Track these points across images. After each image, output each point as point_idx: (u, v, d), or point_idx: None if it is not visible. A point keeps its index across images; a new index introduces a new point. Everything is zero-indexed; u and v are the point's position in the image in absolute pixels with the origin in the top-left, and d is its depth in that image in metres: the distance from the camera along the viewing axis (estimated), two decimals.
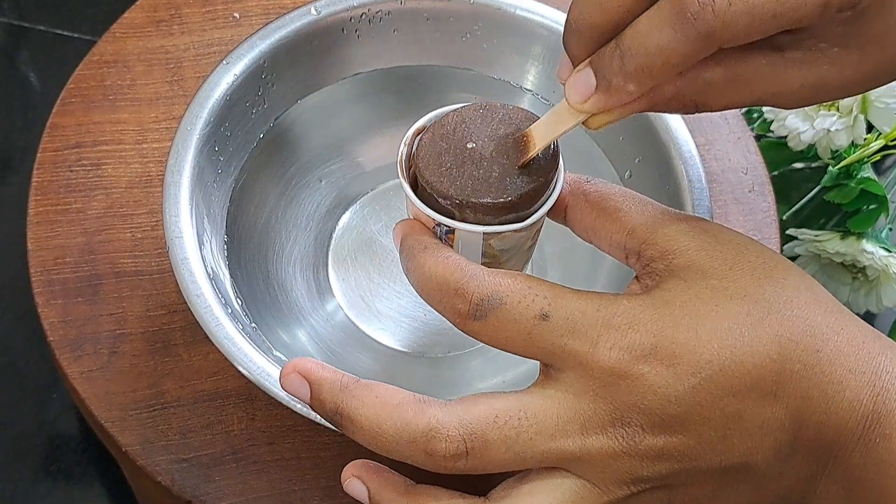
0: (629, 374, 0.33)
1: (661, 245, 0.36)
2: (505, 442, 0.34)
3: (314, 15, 0.52)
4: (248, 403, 0.49)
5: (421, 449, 0.34)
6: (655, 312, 0.34)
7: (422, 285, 0.36)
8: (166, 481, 0.47)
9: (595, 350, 0.34)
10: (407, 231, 0.39)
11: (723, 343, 0.33)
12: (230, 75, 0.50)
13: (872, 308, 0.65)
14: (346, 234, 0.57)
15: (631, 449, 0.34)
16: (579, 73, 0.36)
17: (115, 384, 0.49)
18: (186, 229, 0.46)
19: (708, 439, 0.34)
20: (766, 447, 0.34)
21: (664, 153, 0.50)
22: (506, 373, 0.53)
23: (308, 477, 0.48)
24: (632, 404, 0.33)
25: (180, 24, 0.59)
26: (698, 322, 0.34)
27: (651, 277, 0.36)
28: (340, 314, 0.55)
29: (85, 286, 0.51)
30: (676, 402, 0.33)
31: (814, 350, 0.34)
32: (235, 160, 0.52)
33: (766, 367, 0.34)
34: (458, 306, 0.35)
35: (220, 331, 0.43)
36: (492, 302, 0.34)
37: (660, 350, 0.33)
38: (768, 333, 0.34)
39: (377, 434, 0.35)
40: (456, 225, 0.38)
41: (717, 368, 0.33)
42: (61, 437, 0.80)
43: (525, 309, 0.34)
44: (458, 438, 0.34)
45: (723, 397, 0.33)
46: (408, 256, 0.37)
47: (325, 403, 0.36)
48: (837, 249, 0.62)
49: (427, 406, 0.34)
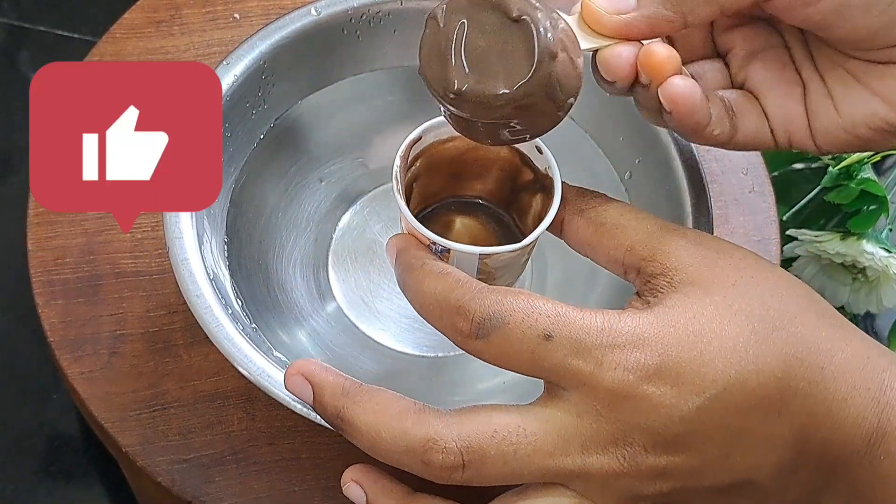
0: (633, 395, 0.33)
1: (661, 262, 0.36)
2: (502, 457, 0.34)
3: (314, 15, 0.52)
4: (248, 404, 0.49)
5: (418, 459, 0.34)
6: (660, 331, 0.34)
7: (420, 302, 0.36)
8: (166, 482, 0.47)
9: (599, 370, 0.33)
10: (403, 246, 0.38)
11: (727, 362, 0.33)
12: (230, 76, 0.50)
13: (872, 308, 0.65)
14: (347, 234, 0.57)
15: (633, 469, 0.33)
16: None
17: (115, 385, 0.49)
18: (186, 230, 0.45)
19: (711, 458, 0.34)
20: (769, 464, 0.34)
21: (664, 154, 0.50)
22: (506, 374, 0.53)
23: (308, 477, 0.48)
24: (635, 424, 0.33)
25: (180, 24, 0.59)
26: (703, 341, 0.33)
27: (653, 294, 0.35)
28: (341, 315, 0.55)
29: (85, 287, 0.51)
30: (680, 422, 0.33)
31: (818, 367, 0.34)
32: (236, 160, 0.52)
33: (771, 385, 0.33)
34: (460, 325, 0.34)
35: (220, 331, 0.43)
36: (494, 321, 0.34)
37: (664, 370, 0.33)
38: (773, 351, 0.33)
39: (376, 441, 0.35)
40: (453, 246, 0.37)
41: (721, 388, 0.33)
42: (61, 437, 0.80)
43: (528, 329, 0.34)
44: (455, 451, 0.33)
45: (727, 416, 0.33)
46: (405, 272, 0.37)
47: (327, 407, 0.36)
48: (838, 250, 0.62)
49: (427, 416, 0.34)
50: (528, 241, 0.38)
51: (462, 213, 0.44)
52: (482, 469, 0.34)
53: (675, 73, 0.36)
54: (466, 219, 0.44)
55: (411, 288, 0.36)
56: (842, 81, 0.37)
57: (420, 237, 0.38)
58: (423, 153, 0.41)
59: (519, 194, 0.43)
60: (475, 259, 0.38)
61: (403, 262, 0.37)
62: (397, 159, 0.39)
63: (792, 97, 0.38)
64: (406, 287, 0.37)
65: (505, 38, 0.35)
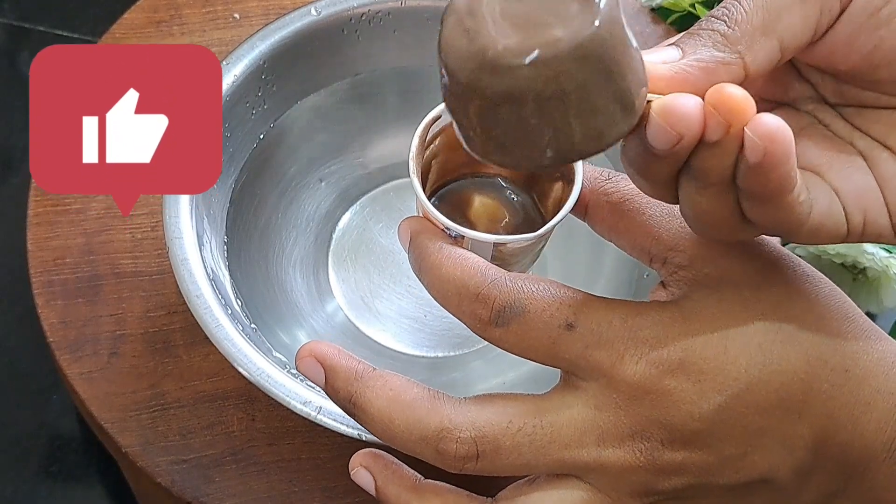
0: (654, 389, 0.33)
1: (689, 253, 0.35)
2: (517, 448, 0.33)
3: (314, 15, 0.52)
4: (248, 404, 0.49)
5: (432, 447, 0.33)
6: (684, 325, 0.33)
7: (438, 288, 0.35)
8: (166, 482, 0.47)
9: (621, 363, 0.33)
10: (418, 229, 0.37)
11: (751, 361, 0.33)
12: (230, 76, 0.50)
13: (873, 309, 0.65)
14: (347, 234, 0.57)
15: (649, 463, 0.33)
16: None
17: (115, 385, 0.49)
18: (186, 230, 0.45)
19: (728, 456, 0.33)
20: (787, 464, 0.34)
21: None
22: (506, 374, 0.53)
23: (308, 478, 0.48)
24: (654, 419, 0.33)
25: (180, 24, 0.59)
26: (727, 338, 0.33)
27: (678, 286, 0.35)
28: (340, 315, 0.55)
29: (85, 287, 0.51)
30: (700, 419, 0.32)
31: (842, 369, 0.33)
32: (235, 161, 0.52)
33: (794, 386, 0.33)
34: (479, 312, 0.34)
35: (220, 332, 0.43)
36: (514, 309, 0.33)
37: (687, 365, 0.33)
38: (797, 352, 0.33)
39: (388, 428, 0.34)
40: (467, 233, 0.36)
41: (743, 386, 0.33)
42: (61, 438, 0.80)
43: (550, 318, 0.33)
44: (469, 441, 0.33)
45: (748, 415, 0.33)
46: (420, 256, 0.36)
47: (339, 391, 0.35)
48: (838, 250, 0.62)
49: (441, 404, 0.34)
50: (543, 231, 0.37)
51: (481, 192, 0.42)
52: (496, 459, 0.33)
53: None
54: (485, 198, 0.42)
55: (428, 273, 0.35)
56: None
57: (435, 222, 0.37)
58: (443, 130, 0.39)
59: (539, 177, 0.41)
60: (490, 246, 0.37)
61: (418, 247, 0.36)
62: (415, 139, 0.37)
63: (856, 166, 0.33)
64: (422, 273, 0.36)
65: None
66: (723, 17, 0.31)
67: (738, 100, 0.29)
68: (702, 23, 0.31)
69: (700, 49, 0.31)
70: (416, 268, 0.36)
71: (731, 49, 0.30)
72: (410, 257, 0.37)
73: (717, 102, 0.29)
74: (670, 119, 0.29)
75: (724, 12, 0.31)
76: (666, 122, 0.29)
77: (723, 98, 0.29)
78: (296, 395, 0.42)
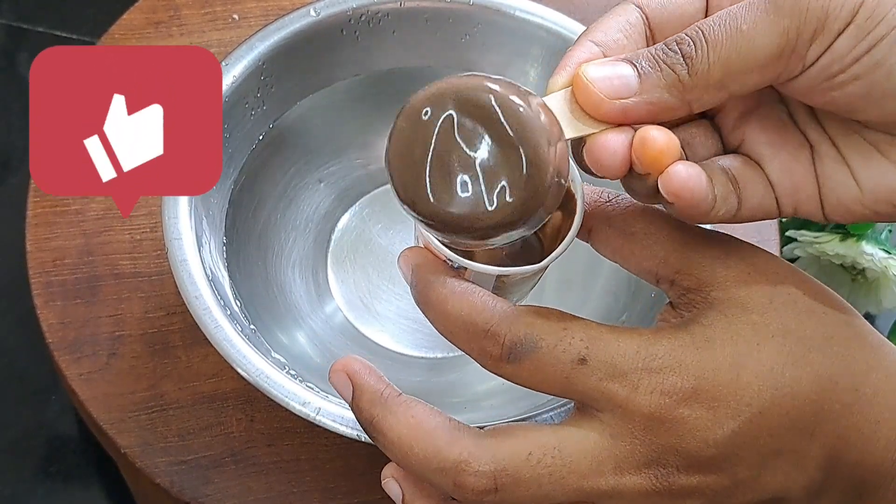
0: (669, 418, 0.33)
1: (696, 275, 0.35)
2: (537, 480, 0.33)
3: (313, 16, 0.52)
4: (247, 405, 0.49)
5: (450, 480, 0.33)
6: (696, 353, 0.33)
7: (444, 323, 0.35)
8: (165, 483, 0.47)
9: (635, 394, 0.33)
10: (419, 261, 0.36)
11: (763, 385, 0.33)
12: (229, 77, 0.50)
13: (872, 310, 0.65)
14: (346, 235, 0.57)
15: (664, 488, 0.33)
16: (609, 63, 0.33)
17: (113, 386, 0.49)
18: (185, 231, 0.45)
19: (742, 478, 0.33)
20: (798, 484, 0.34)
21: None
22: None
23: (307, 479, 0.48)
24: (670, 446, 0.33)
25: (179, 25, 0.59)
26: (739, 363, 0.33)
27: (688, 308, 0.35)
28: (339, 316, 0.55)
29: (84, 288, 0.51)
30: (715, 444, 0.33)
31: (853, 389, 0.33)
32: (234, 161, 0.52)
33: (806, 408, 0.33)
34: (489, 349, 0.33)
35: (219, 333, 0.43)
36: (526, 345, 0.33)
37: (700, 393, 0.33)
38: (808, 374, 0.33)
39: (407, 455, 0.34)
40: (469, 265, 0.36)
41: (756, 411, 0.33)
42: (60, 438, 0.80)
43: (562, 353, 0.33)
44: (488, 475, 0.33)
45: (761, 438, 0.33)
46: (424, 290, 0.35)
47: (362, 411, 0.35)
48: (837, 251, 0.62)
49: (461, 436, 0.34)
50: (545, 264, 0.36)
51: None
52: (515, 492, 0.33)
53: (675, 161, 0.33)
54: None
55: (433, 309, 0.35)
56: (859, 151, 0.34)
57: (436, 253, 0.37)
58: None
59: None
60: (492, 278, 0.37)
61: (422, 281, 0.36)
62: None
63: (798, 161, 0.35)
64: (427, 307, 0.35)
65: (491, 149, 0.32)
66: (687, 57, 0.33)
67: (659, 150, 0.32)
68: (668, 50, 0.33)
69: (655, 91, 0.33)
70: (419, 301, 0.36)
71: (682, 98, 0.33)
72: (413, 291, 0.36)
73: (641, 154, 0.33)
74: (596, 163, 0.33)
75: (689, 51, 0.33)
76: (593, 164, 0.33)
77: (646, 151, 0.32)
78: (295, 396, 0.42)
